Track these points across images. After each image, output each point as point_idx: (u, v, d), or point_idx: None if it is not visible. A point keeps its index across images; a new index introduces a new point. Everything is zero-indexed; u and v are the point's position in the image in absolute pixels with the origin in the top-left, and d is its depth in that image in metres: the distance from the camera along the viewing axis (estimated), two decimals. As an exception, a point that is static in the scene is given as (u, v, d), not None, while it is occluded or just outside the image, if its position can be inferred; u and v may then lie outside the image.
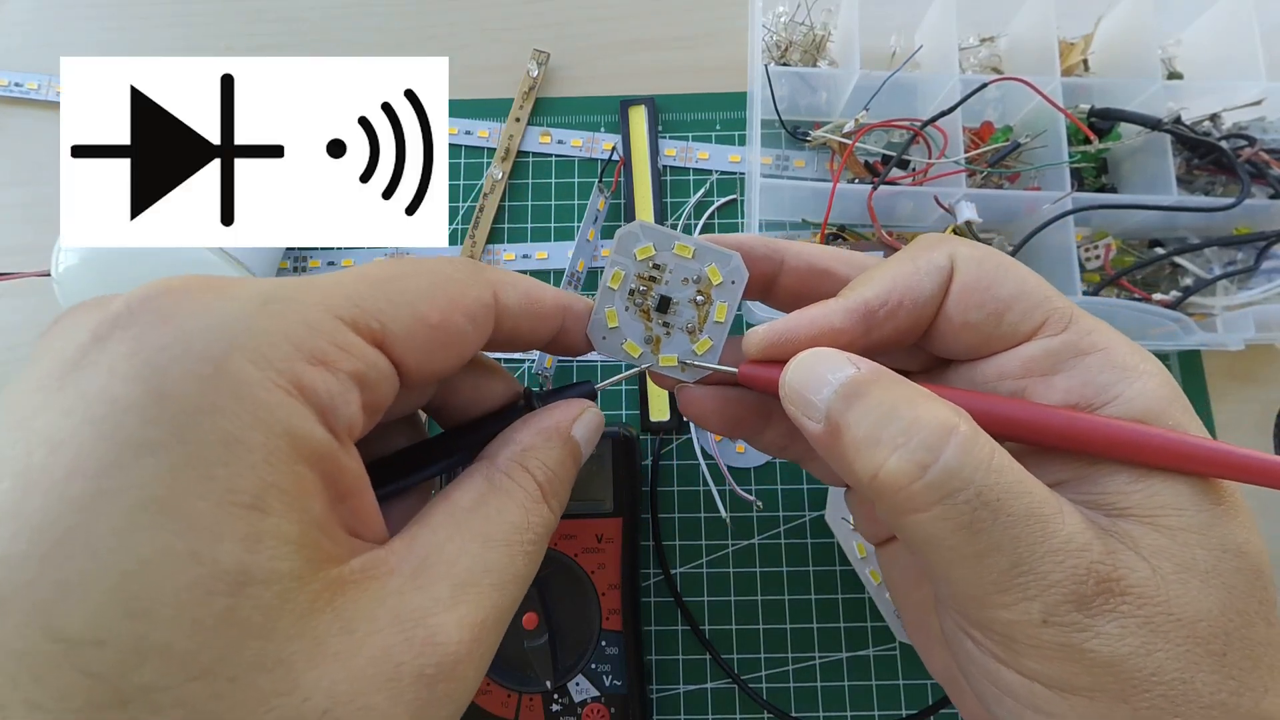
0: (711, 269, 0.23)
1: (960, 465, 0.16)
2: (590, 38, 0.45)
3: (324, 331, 0.15)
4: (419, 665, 0.14)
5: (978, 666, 0.18)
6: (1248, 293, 0.37)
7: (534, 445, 0.20)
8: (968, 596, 0.17)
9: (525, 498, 0.19)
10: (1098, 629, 0.16)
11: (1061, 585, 0.16)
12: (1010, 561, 0.16)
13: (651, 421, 0.38)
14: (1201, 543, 0.17)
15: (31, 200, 0.44)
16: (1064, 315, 0.20)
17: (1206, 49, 0.40)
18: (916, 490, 0.16)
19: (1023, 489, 0.16)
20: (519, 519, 0.18)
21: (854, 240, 0.40)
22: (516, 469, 0.19)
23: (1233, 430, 0.38)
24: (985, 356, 0.21)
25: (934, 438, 0.16)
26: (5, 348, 0.42)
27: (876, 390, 0.18)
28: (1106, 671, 0.16)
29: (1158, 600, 0.16)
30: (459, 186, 0.43)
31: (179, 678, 0.11)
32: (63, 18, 0.47)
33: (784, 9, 0.42)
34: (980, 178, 0.39)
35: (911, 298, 0.20)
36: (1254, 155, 0.37)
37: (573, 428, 0.21)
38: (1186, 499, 0.17)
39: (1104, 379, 0.19)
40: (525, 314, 0.20)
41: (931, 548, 0.17)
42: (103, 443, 0.12)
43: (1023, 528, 0.16)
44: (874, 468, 0.17)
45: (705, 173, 0.43)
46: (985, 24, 0.42)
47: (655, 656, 0.36)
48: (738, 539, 0.37)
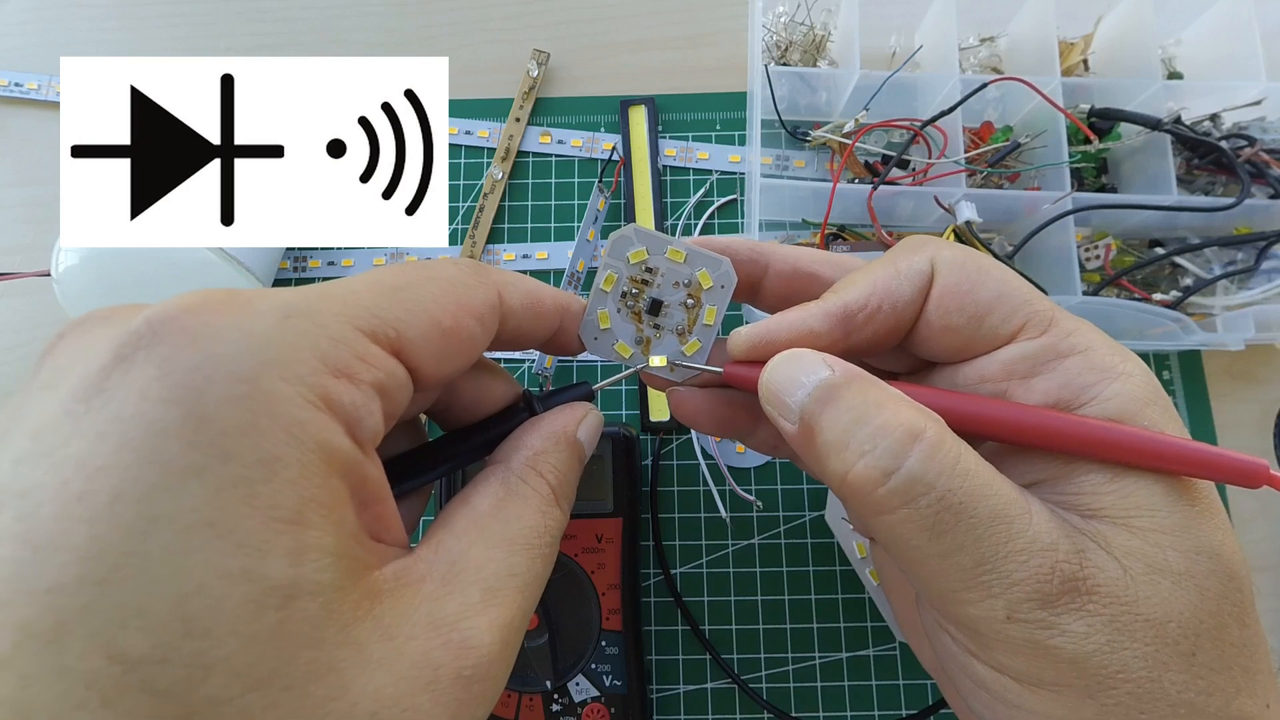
0: (702, 274, 0.23)
1: (923, 471, 0.17)
2: (590, 38, 0.45)
3: (346, 343, 0.15)
4: (457, 667, 0.15)
5: (954, 660, 0.19)
6: (1248, 293, 0.37)
7: (544, 450, 0.20)
8: (937, 593, 0.18)
9: (541, 501, 0.19)
10: (1063, 626, 0.16)
11: (1025, 584, 0.16)
12: (974, 560, 0.16)
13: (651, 421, 0.38)
14: (1174, 544, 0.17)
15: (31, 200, 0.44)
16: (1044, 318, 0.20)
17: (1206, 49, 0.40)
18: (882, 495, 0.17)
19: (989, 490, 0.17)
20: (537, 523, 0.19)
21: (854, 240, 0.40)
22: (531, 474, 0.20)
23: (1233, 430, 0.38)
24: (967, 359, 0.21)
25: (899, 444, 0.17)
26: (5, 348, 0.42)
27: (848, 394, 0.18)
28: (1072, 668, 0.16)
29: (1125, 600, 0.16)
30: (459, 186, 0.43)
31: (239, 689, 0.12)
32: (63, 18, 0.47)
33: (784, 9, 0.42)
34: (980, 178, 0.39)
35: (891, 302, 0.21)
36: (1254, 155, 0.37)
37: (577, 430, 0.21)
38: (1160, 500, 0.17)
39: (1082, 380, 0.19)
40: (527, 314, 0.21)
41: (899, 547, 0.17)
42: (146, 467, 0.12)
43: (986, 528, 0.16)
44: (844, 470, 0.18)
45: (705, 173, 0.43)
46: (985, 24, 0.42)
47: (655, 656, 0.36)
48: (738, 539, 0.37)
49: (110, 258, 0.34)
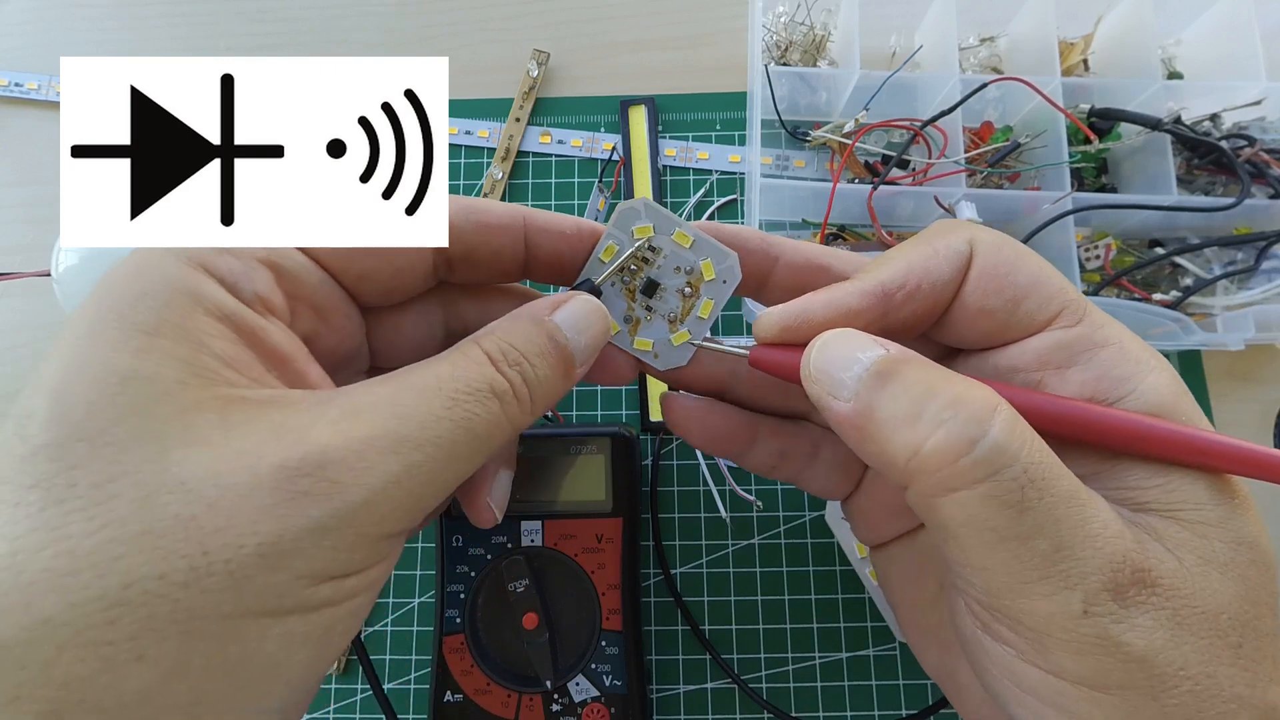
0: (706, 264, 0.22)
1: (1008, 441, 0.16)
2: (590, 38, 0.45)
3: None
4: (281, 457, 0.15)
5: (998, 665, 0.18)
6: (1248, 293, 0.37)
7: (497, 326, 0.19)
8: (1001, 587, 0.16)
9: (462, 358, 0.18)
10: (1133, 620, 0.15)
11: (1101, 573, 0.15)
12: (1053, 545, 0.15)
13: (651, 421, 0.38)
14: (1220, 536, 0.17)
15: (31, 200, 0.44)
16: (1079, 307, 0.19)
17: (1206, 49, 0.40)
18: (963, 467, 0.16)
19: (1062, 470, 0.16)
20: (445, 371, 0.17)
21: (854, 240, 0.40)
22: (467, 343, 0.18)
23: (1233, 430, 0.38)
24: (998, 346, 0.20)
25: (981, 412, 0.16)
26: (5, 348, 0.42)
27: (910, 370, 0.17)
28: (1140, 667, 0.15)
29: (1184, 593, 0.16)
30: (459, 186, 0.43)
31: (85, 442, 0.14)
32: (63, 18, 0.47)
33: (784, 9, 0.42)
34: (980, 178, 0.39)
35: (930, 281, 0.20)
36: (1254, 155, 0.37)
37: (553, 313, 0.20)
38: (1204, 494, 0.17)
39: (1119, 373, 0.18)
40: (469, 226, 0.20)
41: (970, 530, 0.16)
42: (76, 324, 0.16)
43: (1065, 509, 0.16)
44: (914, 445, 0.16)
45: (705, 173, 0.43)
46: (985, 24, 0.42)
47: (655, 656, 0.36)
48: (738, 539, 0.37)
49: (110, 258, 0.34)
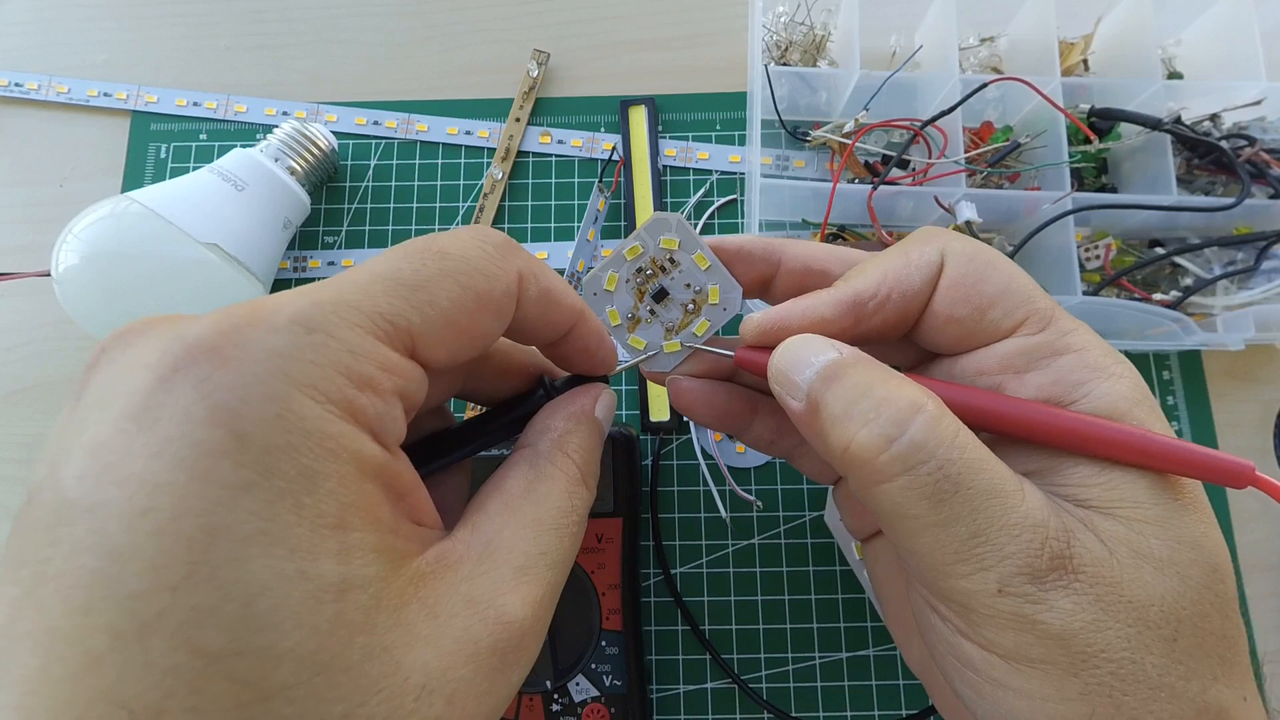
0: (714, 289, 0.24)
1: (925, 439, 0.17)
2: (590, 38, 0.45)
3: (365, 355, 0.16)
4: (493, 640, 0.16)
5: (941, 640, 0.19)
6: (1248, 293, 0.37)
7: (568, 430, 0.21)
8: (929, 566, 0.18)
9: (567, 482, 0.20)
10: (1051, 602, 0.17)
11: (1016, 557, 0.17)
12: (970, 531, 0.17)
13: (651, 421, 0.38)
14: (1157, 534, 0.18)
15: (31, 200, 0.44)
16: (1044, 315, 0.20)
17: (1206, 49, 0.40)
18: (884, 461, 0.18)
19: (984, 466, 0.17)
20: (564, 503, 0.20)
21: (854, 240, 0.40)
22: (558, 455, 0.21)
23: (1232, 430, 0.38)
24: (966, 351, 0.22)
25: (902, 413, 0.18)
26: (5, 348, 0.42)
27: (853, 372, 0.19)
28: (1058, 644, 0.17)
29: (1110, 580, 0.17)
30: (459, 186, 0.43)
31: (307, 674, 0.13)
32: (63, 18, 0.47)
33: (784, 9, 0.42)
34: (980, 178, 0.39)
35: (900, 291, 0.21)
36: (1254, 155, 0.37)
37: (595, 409, 0.22)
38: (1144, 493, 0.18)
39: (1074, 377, 0.20)
40: (537, 308, 0.21)
41: (897, 518, 0.18)
42: (201, 484, 0.13)
43: (982, 500, 0.17)
44: (846, 441, 0.18)
45: (705, 173, 0.43)
46: (985, 24, 0.42)
47: (655, 656, 0.36)
48: (738, 539, 0.37)
49: (110, 258, 0.34)
